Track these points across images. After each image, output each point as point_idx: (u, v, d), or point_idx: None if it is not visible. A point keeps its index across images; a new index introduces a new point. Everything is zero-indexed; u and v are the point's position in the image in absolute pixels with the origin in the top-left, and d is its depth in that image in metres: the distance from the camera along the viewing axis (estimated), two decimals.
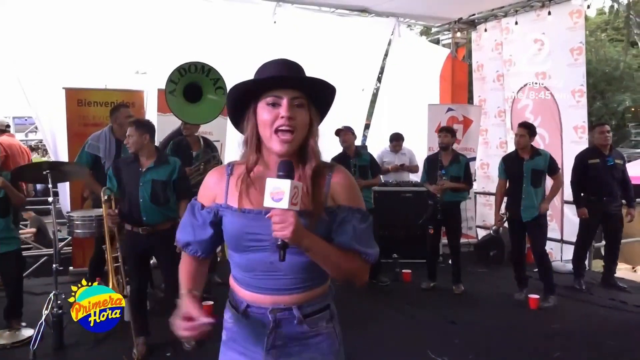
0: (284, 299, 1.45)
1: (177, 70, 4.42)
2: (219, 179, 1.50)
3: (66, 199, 5.77)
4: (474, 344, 4.00)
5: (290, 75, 1.39)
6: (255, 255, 1.43)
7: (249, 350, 1.50)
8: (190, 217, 1.53)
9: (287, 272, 1.42)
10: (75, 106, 5.59)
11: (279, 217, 1.28)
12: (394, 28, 7.68)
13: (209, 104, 4.61)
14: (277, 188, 1.29)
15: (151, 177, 3.62)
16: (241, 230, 1.42)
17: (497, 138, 7.63)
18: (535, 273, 5.70)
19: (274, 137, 1.37)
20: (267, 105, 1.38)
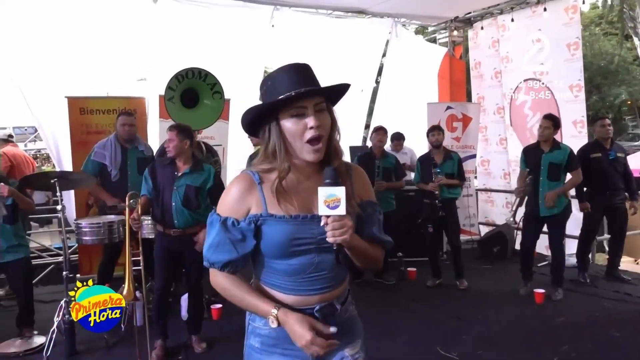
0: (327, 296, 1.51)
1: (174, 77, 4.47)
2: (249, 189, 1.47)
3: (71, 207, 5.79)
4: (482, 340, 4.05)
5: (314, 89, 1.41)
6: (300, 259, 1.46)
7: (293, 350, 1.49)
8: (226, 234, 1.45)
9: (330, 270, 1.49)
10: (78, 115, 5.62)
11: (338, 223, 1.34)
12: (391, 28, 7.73)
13: (206, 109, 4.66)
14: (332, 196, 1.33)
15: (185, 182, 3.69)
16: (288, 236, 1.43)
17: (497, 135, 7.67)
18: (539, 268, 5.77)
19: (305, 146, 1.41)
20: (292, 117, 1.40)
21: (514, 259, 6.32)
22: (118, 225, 4.20)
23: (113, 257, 4.76)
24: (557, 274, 5.05)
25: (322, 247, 1.43)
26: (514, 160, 7.26)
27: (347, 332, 1.58)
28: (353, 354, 1.58)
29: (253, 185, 1.47)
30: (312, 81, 1.44)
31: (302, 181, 1.48)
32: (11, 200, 3.98)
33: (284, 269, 1.47)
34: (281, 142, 1.43)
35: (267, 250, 1.46)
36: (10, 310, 4.53)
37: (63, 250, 4.01)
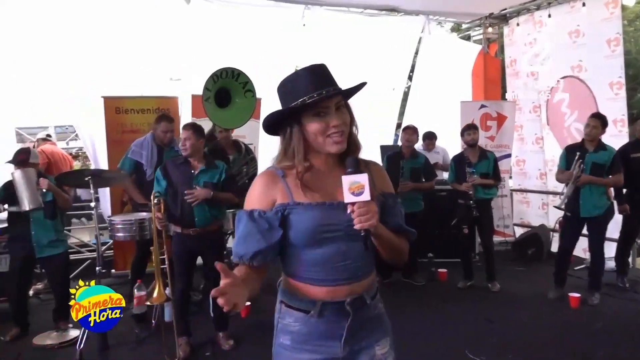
0: (356, 287, 1.53)
1: (210, 78, 4.51)
2: (273, 182, 1.53)
3: (107, 204, 5.94)
4: (512, 344, 3.95)
5: (335, 91, 1.46)
6: (328, 247, 1.49)
7: (323, 346, 1.53)
8: (252, 225, 1.50)
9: (357, 258, 1.51)
10: (114, 114, 5.75)
11: (364, 208, 1.38)
12: (423, 26, 7.64)
13: (238, 108, 4.69)
14: (356, 183, 1.38)
15: (204, 179, 3.74)
16: (317, 222, 1.48)
17: (533, 134, 7.47)
18: (575, 271, 5.60)
19: (327, 140, 1.47)
20: (314, 117, 1.47)
21: (549, 261, 6.14)
22: (149, 222, 4.27)
23: (145, 254, 4.83)
24: (595, 278, 4.88)
25: (350, 235, 1.46)
26: (550, 160, 7.07)
27: (376, 330, 1.60)
28: (383, 353, 1.60)
29: (276, 178, 1.53)
30: (331, 81, 1.49)
31: (324, 175, 1.54)
32: (51, 196, 4.10)
33: (313, 258, 1.50)
34: (302, 142, 1.50)
35: (296, 239, 1.49)
36: (48, 304, 4.66)
37: (96, 246, 4.11)
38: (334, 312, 1.52)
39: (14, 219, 4.19)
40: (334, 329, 1.53)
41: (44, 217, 4.13)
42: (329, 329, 1.53)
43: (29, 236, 4.12)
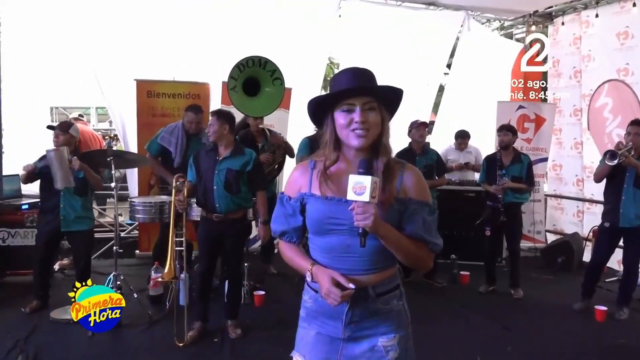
0: (360, 279, 1.62)
1: (236, 67, 4.50)
2: (303, 173, 1.71)
3: (134, 185, 6.05)
4: (528, 354, 3.81)
5: (359, 86, 1.57)
6: (334, 238, 1.62)
7: (327, 325, 1.69)
8: (281, 208, 1.74)
9: (362, 254, 1.60)
10: (145, 97, 5.84)
11: (361, 208, 1.47)
12: (463, 21, 7.43)
13: (267, 97, 4.67)
14: (359, 183, 1.47)
15: (226, 165, 3.75)
16: (324, 214, 1.62)
17: (572, 138, 7.19)
18: (605, 283, 5.36)
19: (350, 134, 1.58)
20: (342, 112, 1.58)
21: (579, 271, 5.90)
22: (169, 205, 4.31)
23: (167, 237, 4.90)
24: (625, 292, 4.64)
25: (355, 231, 1.54)
26: (588, 166, 6.78)
27: (384, 324, 1.67)
28: (386, 345, 1.67)
29: (306, 170, 1.71)
30: (367, 83, 1.59)
31: (347, 171, 1.60)
32: (82, 174, 4.19)
33: (321, 245, 1.66)
34: (333, 134, 1.62)
35: (309, 226, 1.68)
36: (72, 279, 4.75)
37: (115, 226, 4.18)
38: None
39: (45, 193, 4.30)
40: (336, 311, 1.64)
41: (74, 192, 4.23)
42: (332, 309, 1.64)
43: (57, 210, 4.22)
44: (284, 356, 3.61)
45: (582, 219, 7.03)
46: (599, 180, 4.71)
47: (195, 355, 3.65)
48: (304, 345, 1.76)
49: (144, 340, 3.86)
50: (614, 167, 4.47)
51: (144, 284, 4.80)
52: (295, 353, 1.79)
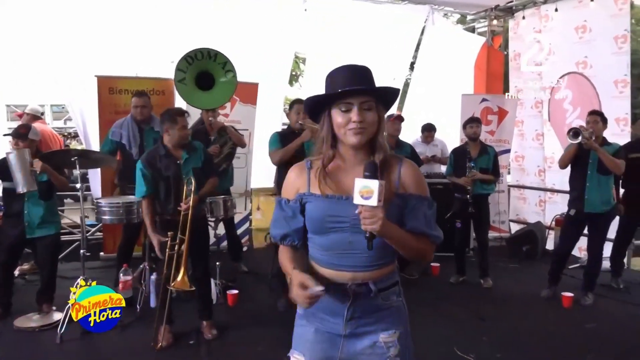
0: (361, 275, 1.64)
1: (184, 59, 4.45)
2: (300, 173, 1.71)
3: (97, 186, 5.86)
4: (502, 342, 3.88)
5: (359, 87, 1.55)
6: (335, 235, 1.62)
7: (327, 322, 1.69)
8: (280, 212, 1.73)
9: (364, 251, 1.57)
10: (107, 94, 5.65)
11: (369, 212, 1.47)
12: (427, 16, 7.49)
13: (222, 88, 4.63)
14: (366, 187, 1.46)
15: (191, 166, 3.67)
16: (324, 213, 1.62)
17: (534, 130, 7.38)
18: (569, 270, 5.52)
19: (348, 132, 1.58)
20: (340, 111, 1.58)
21: (544, 259, 6.10)
22: (137, 206, 4.20)
23: (132, 238, 4.78)
24: (590, 279, 4.79)
25: (356, 228, 1.54)
26: (549, 157, 6.98)
27: (385, 320, 1.68)
28: (387, 341, 1.68)
29: (303, 170, 1.71)
30: (365, 82, 1.58)
31: (345, 169, 1.65)
32: (46, 177, 4.00)
33: (322, 243, 1.65)
34: (330, 131, 1.63)
35: (309, 225, 1.67)
36: (34, 285, 4.58)
37: (81, 228, 4.03)
38: (336, 292, 1.65)
39: (9, 197, 4.09)
40: (337, 308, 1.66)
41: (39, 197, 4.04)
42: (332, 306, 1.66)
43: (22, 215, 4.03)
44: (263, 355, 3.61)
45: (544, 208, 7.24)
46: (564, 166, 4.84)
47: (170, 359, 3.56)
48: (302, 343, 1.75)
49: (116, 346, 3.73)
50: (578, 155, 4.61)
51: (112, 287, 4.63)
52: (294, 352, 1.78)
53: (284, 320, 4.10)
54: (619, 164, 4.46)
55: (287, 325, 4.09)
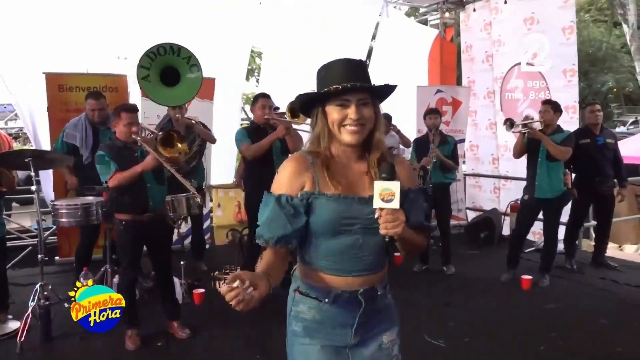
0: (371, 279, 1.59)
1: (145, 55, 4.26)
2: (304, 167, 1.57)
3: (49, 187, 5.61)
4: (469, 327, 3.99)
5: (358, 86, 1.50)
6: (346, 238, 1.54)
7: (335, 335, 1.59)
8: (279, 209, 1.53)
9: (372, 251, 1.55)
10: (57, 92, 5.40)
11: (391, 216, 1.42)
12: (382, 9, 7.56)
13: (188, 84, 4.51)
14: (387, 190, 1.42)
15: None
16: (338, 214, 1.52)
17: (487, 119, 7.59)
18: (525, 254, 5.73)
19: (342, 129, 1.53)
20: (336, 107, 1.52)
21: (501, 244, 6.30)
22: (96, 207, 4.05)
23: (91, 240, 4.62)
24: (547, 261, 5.01)
25: (367, 229, 1.51)
26: (502, 145, 7.19)
27: (385, 319, 1.67)
28: (390, 341, 1.67)
29: (307, 164, 1.57)
30: (362, 77, 1.54)
31: (347, 166, 1.59)
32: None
33: (331, 248, 1.55)
34: (325, 128, 1.55)
35: (317, 227, 1.54)
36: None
37: (38, 232, 3.85)
38: (347, 301, 1.57)
39: None
40: (346, 318, 1.58)
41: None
42: (341, 317, 1.58)
43: None
44: (232, 354, 3.56)
45: (499, 195, 7.46)
46: (518, 155, 5.02)
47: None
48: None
49: (79, 353, 3.60)
50: (531, 143, 4.78)
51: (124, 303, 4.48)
52: None
53: (253, 318, 4.13)
54: (563, 151, 4.64)
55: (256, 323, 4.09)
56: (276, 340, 3.61)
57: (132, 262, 3.65)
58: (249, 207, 4.51)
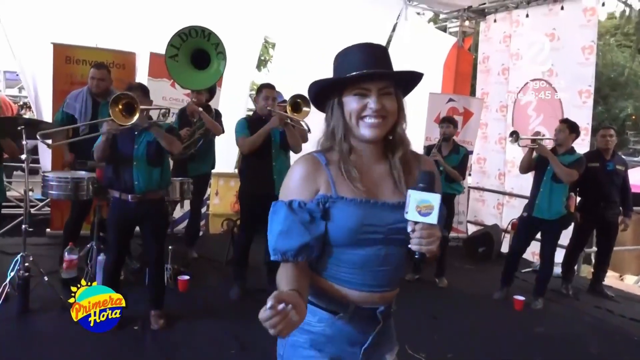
0: (389, 295, 1.46)
1: (177, 35, 4.28)
2: (316, 170, 1.39)
3: (47, 158, 5.57)
4: (454, 342, 3.88)
5: (379, 72, 1.35)
6: (368, 249, 1.37)
7: (345, 351, 1.44)
8: (293, 216, 1.33)
9: (395, 265, 1.42)
10: (63, 63, 5.36)
11: (427, 231, 1.25)
12: (400, 11, 7.44)
13: (215, 70, 4.45)
14: (424, 202, 1.24)
15: (146, 138, 3.47)
16: (359, 221, 1.34)
17: (497, 133, 7.46)
18: (522, 274, 5.61)
19: (361, 123, 1.36)
20: (354, 96, 1.36)
21: (498, 261, 6.15)
22: (87, 182, 3.98)
23: (81, 215, 4.56)
24: (541, 284, 4.87)
25: (390, 239, 1.37)
26: (510, 160, 7.06)
27: (390, 339, 1.55)
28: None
29: (319, 166, 1.39)
30: (384, 64, 1.38)
31: (366, 165, 1.42)
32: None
33: (351, 259, 1.38)
34: (342, 120, 1.39)
35: (336, 236, 1.36)
36: None
37: (24, 202, 3.79)
38: (364, 318, 1.43)
39: None
40: (358, 336, 1.44)
41: None
42: (354, 334, 1.44)
43: None
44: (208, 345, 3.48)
45: (502, 212, 7.34)
46: (523, 171, 4.90)
47: (111, 344, 3.38)
48: None
49: (54, 328, 3.54)
50: (540, 161, 4.66)
51: (55, 266, 4.43)
52: None
53: (236, 309, 4.05)
54: (568, 173, 4.50)
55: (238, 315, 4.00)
56: (254, 335, 3.56)
57: (117, 242, 3.59)
58: (242, 200, 4.41)
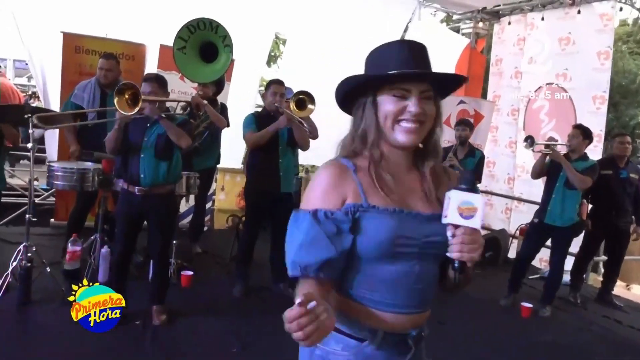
0: (422, 317, 1.32)
1: (185, 27, 4.21)
2: (343, 177, 1.25)
3: (54, 148, 5.53)
4: (459, 348, 3.81)
5: (428, 72, 1.25)
6: (401, 264, 1.23)
7: None
8: (318, 227, 1.19)
9: (429, 283, 1.29)
10: (72, 52, 5.32)
11: (470, 237, 1.15)
12: (414, 10, 7.36)
13: (223, 63, 4.39)
14: (467, 203, 1.15)
15: (157, 131, 3.42)
16: (392, 232, 1.21)
17: (507, 137, 7.37)
18: (529, 280, 5.52)
19: (396, 127, 1.25)
20: (392, 97, 1.24)
21: (505, 267, 6.08)
22: (93, 173, 3.94)
23: (86, 207, 4.52)
24: (549, 292, 4.79)
25: (425, 254, 1.24)
26: (520, 165, 6.98)
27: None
28: None
29: (347, 172, 1.26)
30: (426, 64, 1.27)
31: (397, 173, 1.29)
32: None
33: (384, 276, 1.24)
34: (374, 122, 1.26)
35: (367, 250, 1.22)
36: None
37: (29, 191, 3.74)
38: (394, 345, 1.28)
39: None
40: None
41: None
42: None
43: None
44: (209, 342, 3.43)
45: (510, 217, 7.25)
46: (535, 177, 4.83)
47: (112, 339, 3.30)
48: None
49: (55, 320, 3.48)
50: (552, 167, 4.58)
51: (58, 257, 4.38)
52: None
53: (239, 307, 3.99)
54: (582, 180, 4.42)
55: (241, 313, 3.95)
56: (256, 333, 3.51)
57: (123, 235, 3.54)
58: (247, 196, 4.36)
